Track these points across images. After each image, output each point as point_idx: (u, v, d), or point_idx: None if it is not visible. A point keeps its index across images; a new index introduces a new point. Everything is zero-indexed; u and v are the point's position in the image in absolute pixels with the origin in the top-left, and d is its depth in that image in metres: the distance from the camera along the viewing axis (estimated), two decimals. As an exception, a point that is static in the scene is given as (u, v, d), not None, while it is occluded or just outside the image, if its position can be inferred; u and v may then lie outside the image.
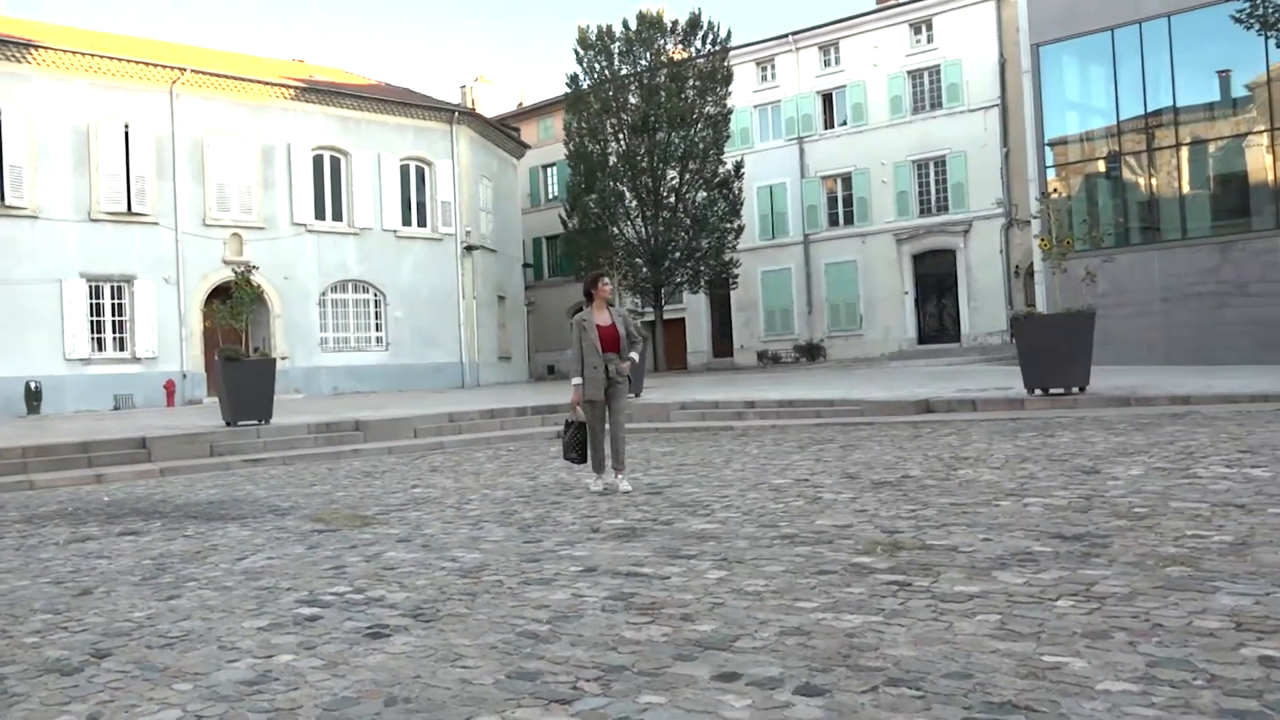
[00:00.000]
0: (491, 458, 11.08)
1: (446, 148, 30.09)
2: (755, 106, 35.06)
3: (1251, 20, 17.15)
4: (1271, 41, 17.74)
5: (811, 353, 33.53)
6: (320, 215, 27.50)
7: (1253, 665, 2.88)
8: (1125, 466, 6.87)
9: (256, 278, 14.69)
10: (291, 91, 27.02)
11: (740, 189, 31.84)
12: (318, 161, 27.56)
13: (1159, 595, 3.61)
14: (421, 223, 29.62)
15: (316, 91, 27.46)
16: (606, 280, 7.40)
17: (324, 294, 27.43)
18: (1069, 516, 5.19)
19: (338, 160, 27.97)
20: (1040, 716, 2.61)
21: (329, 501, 7.90)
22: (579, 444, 7.35)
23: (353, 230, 27.94)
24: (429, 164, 29.80)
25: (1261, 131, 18.97)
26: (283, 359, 25.32)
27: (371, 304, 28.48)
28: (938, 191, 32.10)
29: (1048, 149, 22.02)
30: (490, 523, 6.29)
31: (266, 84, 26.64)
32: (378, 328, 28.55)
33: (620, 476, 7.37)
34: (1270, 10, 16.92)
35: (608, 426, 7.38)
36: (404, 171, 29.28)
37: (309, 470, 10.69)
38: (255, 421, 13.42)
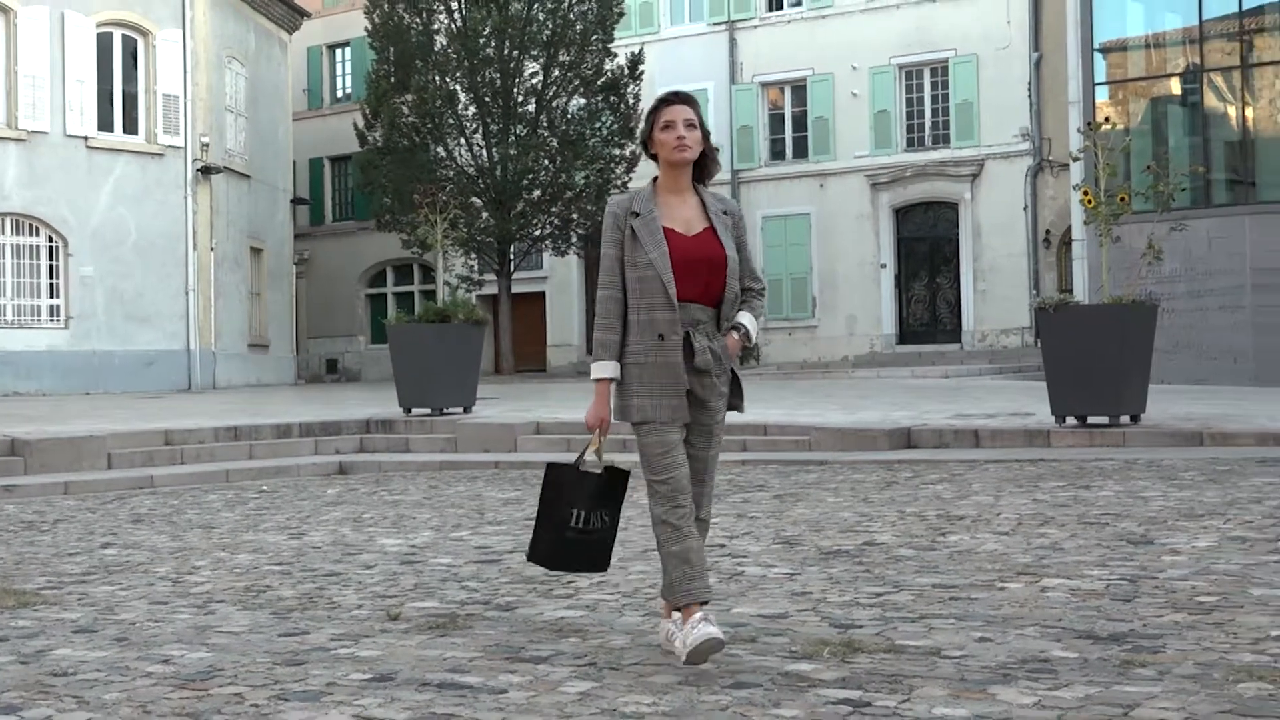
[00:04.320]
0: (232, 503, 10.94)
1: (174, 9, 29.47)
2: (664, -30, 35.40)
3: None
4: None
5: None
6: (-38, 107, 26.66)
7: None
8: (1190, 535, 7.17)
9: None
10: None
11: (637, 96, 32.01)
12: (-40, 20, 26.70)
13: (1226, 723, 3.77)
14: (130, 128, 28.95)
15: (-38, -93, 26.61)
16: (692, 113, 4.83)
17: (-35, 234, 26.62)
18: (1105, 607, 5.39)
19: (-6, 20, 27.16)
20: None
21: (-36, 568, 7.68)
22: (588, 544, 5.27)
23: (15, 135, 27.17)
24: (145, 34, 29.16)
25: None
26: (-108, 337, 24.43)
27: (43, 254, 27.72)
28: (935, 114, 32.86)
29: (1099, 57, 22.64)
30: (228, 604, 6.22)
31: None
32: (53, 292, 27.83)
33: (696, 617, 4.66)
34: None
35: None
36: (103, 44, 28.57)
37: (-69, 517, 10.36)
38: None
